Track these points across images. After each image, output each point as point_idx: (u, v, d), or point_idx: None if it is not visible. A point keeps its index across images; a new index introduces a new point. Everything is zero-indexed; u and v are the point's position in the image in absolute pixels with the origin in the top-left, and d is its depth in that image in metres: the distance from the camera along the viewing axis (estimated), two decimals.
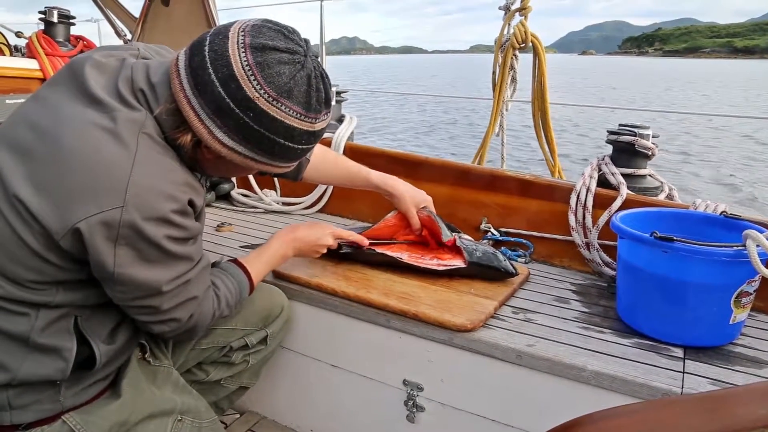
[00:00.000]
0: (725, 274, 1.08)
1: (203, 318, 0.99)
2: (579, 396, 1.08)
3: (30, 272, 0.81)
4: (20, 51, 2.39)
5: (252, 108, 0.81)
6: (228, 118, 0.82)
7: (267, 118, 0.82)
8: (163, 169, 0.83)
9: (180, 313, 0.93)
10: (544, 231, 1.65)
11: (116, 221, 0.77)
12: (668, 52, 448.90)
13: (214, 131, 0.83)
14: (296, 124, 0.85)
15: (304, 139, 0.88)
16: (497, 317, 1.25)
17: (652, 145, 1.59)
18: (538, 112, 2.08)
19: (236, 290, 1.09)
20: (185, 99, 0.82)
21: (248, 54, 0.80)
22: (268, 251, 1.21)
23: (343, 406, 1.44)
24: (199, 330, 1.00)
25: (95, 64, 0.87)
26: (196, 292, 0.94)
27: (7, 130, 0.85)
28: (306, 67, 0.84)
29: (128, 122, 0.81)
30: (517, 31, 1.98)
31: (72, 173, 0.77)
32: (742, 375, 1.05)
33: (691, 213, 1.35)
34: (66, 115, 0.81)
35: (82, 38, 2.47)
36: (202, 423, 1.08)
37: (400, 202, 1.43)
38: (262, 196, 2.12)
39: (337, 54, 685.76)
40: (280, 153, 0.88)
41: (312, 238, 1.28)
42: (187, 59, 0.83)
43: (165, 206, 0.81)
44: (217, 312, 1.03)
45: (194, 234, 0.89)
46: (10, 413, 0.86)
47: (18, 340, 0.83)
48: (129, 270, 0.81)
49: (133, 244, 0.80)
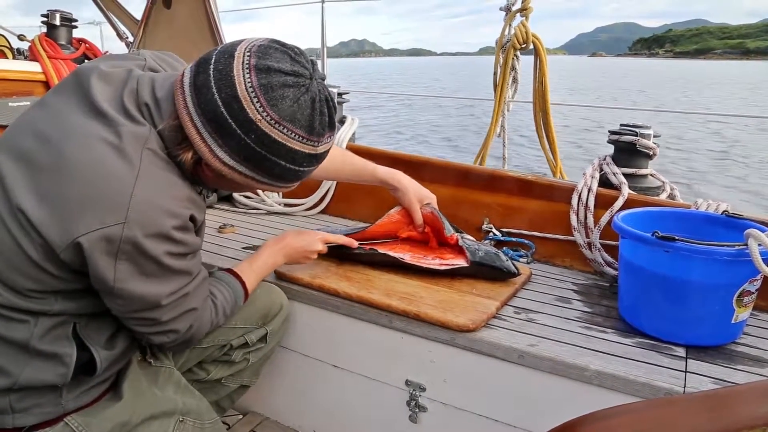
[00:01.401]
0: (727, 274, 1.08)
1: (201, 328, 0.99)
2: (581, 396, 1.08)
3: (29, 281, 0.81)
4: (23, 54, 2.40)
5: (254, 130, 0.81)
6: (229, 139, 0.82)
7: (269, 140, 0.82)
8: (165, 185, 0.83)
9: (179, 325, 0.93)
10: (545, 231, 1.65)
11: (117, 237, 0.77)
12: (679, 54, 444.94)
13: (215, 150, 0.83)
14: (298, 147, 0.85)
15: (306, 162, 0.88)
16: (499, 317, 1.25)
17: (653, 145, 1.59)
18: (540, 113, 2.08)
19: (232, 299, 1.10)
20: (188, 116, 0.83)
21: (252, 75, 0.80)
22: (258, 260, 1.22)
23: (346, 407, 1.45)
24: (197, 339, 1.01)
25: (101, 74, 0.87)
26: (195, 304, 0.95)
27: (12, 136, 0.85)
28: (311, 90, 0.84)
29: (132, 137, 0.81)
30: (518, 32, 1.98)
31: (75, 186, 0.77)
32: (745, 374, 1.05)
33: (693, 212, 1.35)
34: (71, 125, 0.81)
35: (85, 41, 2.48)
36: (204, 424, 1.08)
37: (404, 196, 1.44)
38: (264, 197, 2.12)
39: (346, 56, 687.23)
40: (281, 175, 0.88)
41: (301, 245, 1.29)
42: (192, 76, 0.83)
43: (166, 223, 0.81)
44: (215, 321, 1.04)
45: (194, 249, 0.90)
46: (12, 416, 0.86)
47: (18, 346, 0.83)
48: (128, 285, 0.82)
49: (134, 259, 0.80)
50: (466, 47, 46.79)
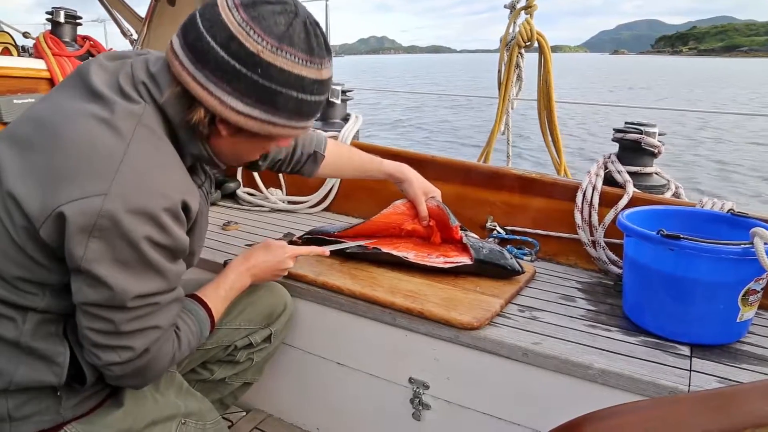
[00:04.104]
0: (732, 272, 1.08)
1: (159, 359, 0.88)
2: (585, 394, 1.07)
3: (16, 268, 0.79)
4: (28, 51, 2.41)
5: (258, 63, 0.80)
6: (237, 82, 0.81)
7: (275, 69, 0.81)
8: (157, 162, 0.81)
9: (137, 342, 0.83)
10: (549, 229, 1.65)
11: (95, 210, 0.73)
12: (703, 51, 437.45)
13: (225, 100, 0.82)
14: (304, 72, 0.84)
15: (315, 89, 0.87)
16: (503, 315, 1.25)
17: (658, 143, 1.58)
18: (544, 111, 2.07)
19: (197, 331, 1.00)
20: (189, 76, 0.82)
21: (241, 12, 0.80)
22: (225, 284, 1.11)
23: (349, 404, 1.45)
24: (150, 373, 0.88)
25: (101, 65, 0.88)
26: (161, 323, 0.86)
27: (13, 126, 0.86)
28: (299, 14, 0.84)
29: (126, 113, 0.81)
30: (523, 30, 1.98)
31: (60, 158, 0.76)
32: (750, 373, 1.05)
33: (698, 211, 1.35)
34: (67, 109, 0.81)
35: (89, 38, 2.49)
36: (206, 424, 1.07)
37: (409, 188, 1.45)
38: (267, 194, 2.12)
39: (366, 53, 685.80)
40: (295, 108, 0.86)
41: (270, 263, 1.20)
42: (182, 38, 0.83)
43: (153, 201, 0.77)
44: (177, 355, 0.93)
45: (179, 246, 0.83)
46: (10, 424, 0.85)
47: (10, 344, 0.83)
48: (97, 267, 0.76)
49: (109, 239, 0.75)
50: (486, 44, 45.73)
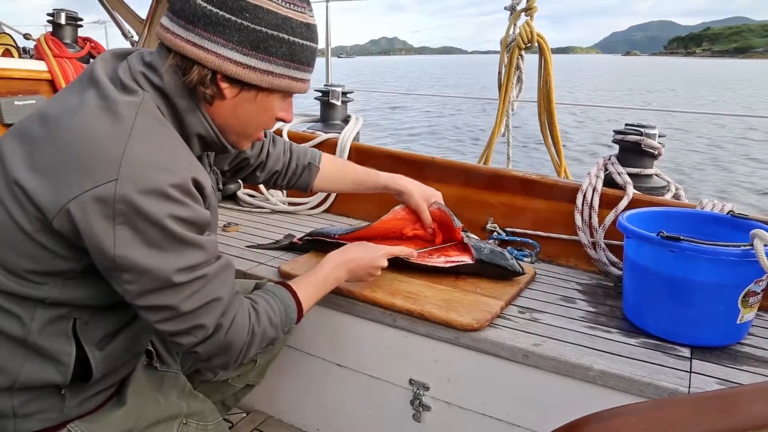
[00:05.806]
0: (732, 274, 1.08)
1: (237, 332, 0.89)
2: (585, 395, 1.08)
3: (25, 260, 0.80)
4: (28, 53, 2.41)
5: (244, 7, 0.82)
6: (230, 32, 0.83)
7: (262, 11, 0.83)
8: (161, 143, 0.82)
9: (204, 319, 0.85)
10: (550, 231, 1.65)
11: (111, 195, 0.74)
12: (717, 53, 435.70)
13: (222, 52, 0.83)
14: (291, 14, 0.86)
15: (304, 32, 0.88)
16: (503, 317, 1.25)
17: (658, 145, 1.58)
18: (544, 112, 2.08)
19: (280, 310, 1.00)
20: (183, 40, 0.83)
21: None
22: (319, 274, 1.13)
23: (349, 406, 1.45)
24: (233, 349, 0.90)
25: (104, 59, 0.90)
26: (220, 293, 0.86)
27: (19, 122, 0.87)
28: None
29: (126, 103, 0.82)
30: (523, 32, 1.98)
31: (67, 150, 0.77)
32: (750, 375, 1.05)
33: (698, 212, 1.35)
34: (70, 102, 0.83)
35: (90, 40, 2.49)
36: (207, 425, 1.08)
37: (410, 199, 1.43)
38: (268, 196, 2.12)
39: (377, 54, 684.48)
40: (288, 53, 0.87)
41: (366, 260, 1.20)
42: (170, 12, 0.85)
43: (162, 178, 0.77)
44: (257, 327, 0.94)
45: (202, 218, 0.84)
46: (14, 422, 0.85)
47: (16, 341, 0.83)
48: (130, 253, 0.76)
49: (132, 222, 0.76)
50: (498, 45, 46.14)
